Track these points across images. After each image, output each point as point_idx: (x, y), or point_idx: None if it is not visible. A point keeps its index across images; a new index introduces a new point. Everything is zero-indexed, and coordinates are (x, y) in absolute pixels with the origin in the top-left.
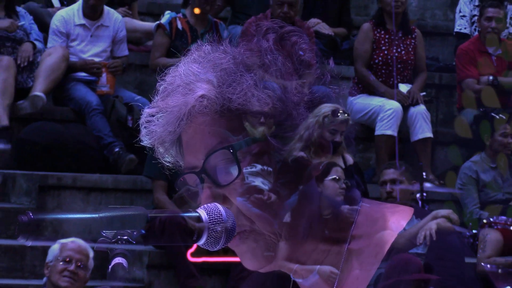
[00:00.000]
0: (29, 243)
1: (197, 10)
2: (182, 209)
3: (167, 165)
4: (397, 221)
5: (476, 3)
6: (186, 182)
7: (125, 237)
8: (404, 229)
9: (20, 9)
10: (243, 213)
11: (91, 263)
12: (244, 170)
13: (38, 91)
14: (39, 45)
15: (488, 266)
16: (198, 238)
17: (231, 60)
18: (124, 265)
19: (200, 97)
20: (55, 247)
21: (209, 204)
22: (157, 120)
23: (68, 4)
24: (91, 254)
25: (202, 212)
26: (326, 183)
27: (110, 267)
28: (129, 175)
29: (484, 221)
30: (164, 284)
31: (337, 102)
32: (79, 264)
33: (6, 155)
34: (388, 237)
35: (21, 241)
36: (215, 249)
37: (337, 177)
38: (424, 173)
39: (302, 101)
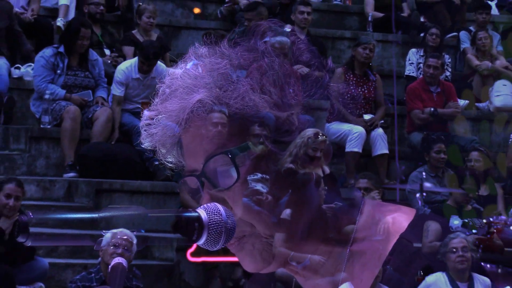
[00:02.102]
0: (29, 243)
1: (197, 10)
2: (182, 209)
3: (169, 166)
4: (399, 222)
5: (421, 54)
6: (187, 184)
7: (125, 237)
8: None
9: (94, 55)
10: (243, 219)
11: (134, 248)
12: (248, 178)
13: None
14: (102, 93)
15: (488, 266)
16: (198, 238)
17: (228, 64)
18: (124, 264)
19: (198, 102)
20: (107, 235)
21: (208, 204)
22: (157, 123)
23: (117, 54)
24: (135, 241)
25: (201, 212)
26: (320, 192)
27: (110, 266)
28: (162, 181)
29: (484, 221)
30: (188, 263)
31: (317, 127)
32: (125, 248)
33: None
34: (390, 239)
35: (21, 241)
36: (215, 249)
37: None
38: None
39: (300, 104)
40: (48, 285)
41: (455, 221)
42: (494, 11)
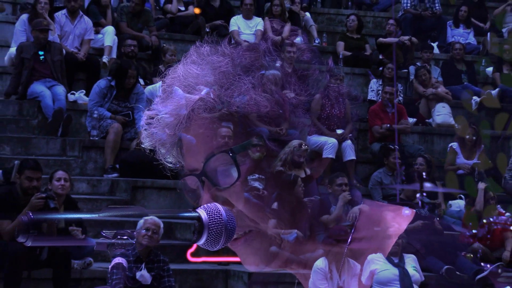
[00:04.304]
0: (29, 243)
1: (197, 10)
2: (182, 209)
3: (169, 166)
4: (398, 223)
5: (380, 83)
6: (187, 183)
7: (125, 237)
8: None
9: (139, 89)
10: (244, 212)
11: (161, 231)
12: (248, 178)
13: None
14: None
15: (488, 265)
16: (198, 238)
17: (230, 62)
18: (124, 264)
19: (199, 100)
20: (141, 221)
21: (209, 204)
22: (158, 122)
23: (149, 83)
24: (162, 225)
25: (202, 212)
26: (297, 188)
27: (110, 266)
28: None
29: (484, 221)
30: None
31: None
32: (154, 231)
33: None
34: (389, 239)
35: (21, 241)
36: (215, 249)
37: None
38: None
39: (300, 104)
40: (96, 259)
41: (406, 211)
42: (436, 50)
